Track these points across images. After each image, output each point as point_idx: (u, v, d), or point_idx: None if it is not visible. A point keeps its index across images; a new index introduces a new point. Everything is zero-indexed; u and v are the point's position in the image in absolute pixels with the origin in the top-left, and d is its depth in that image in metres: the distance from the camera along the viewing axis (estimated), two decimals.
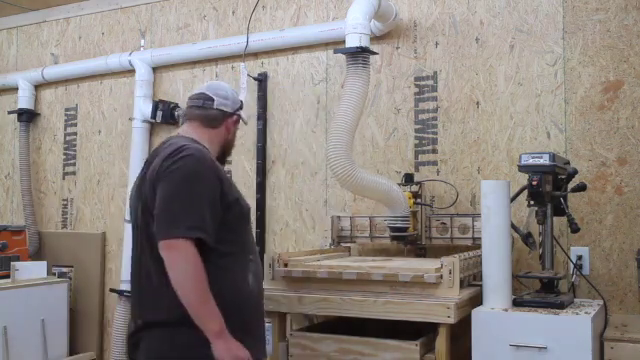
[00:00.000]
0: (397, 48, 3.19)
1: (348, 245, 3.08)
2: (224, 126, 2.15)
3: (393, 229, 2.74)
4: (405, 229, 2.72)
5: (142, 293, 1.97)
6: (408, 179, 2.86)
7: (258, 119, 3.48)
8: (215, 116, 2.12)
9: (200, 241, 1.84)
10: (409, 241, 2.80)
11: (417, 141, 3.11)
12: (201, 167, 1.92)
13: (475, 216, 2.77)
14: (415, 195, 2.83)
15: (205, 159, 1.95)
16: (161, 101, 3.73)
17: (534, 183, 2.28)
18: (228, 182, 2.02)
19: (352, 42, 2.69)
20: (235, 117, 2.18)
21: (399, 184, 2.83)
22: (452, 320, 2.12)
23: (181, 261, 1.82)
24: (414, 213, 2.79)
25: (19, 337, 3.37)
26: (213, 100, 2.13)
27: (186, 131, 2.12)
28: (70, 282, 3.87)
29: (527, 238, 2.59)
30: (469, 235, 2.78)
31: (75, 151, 4.17)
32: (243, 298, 1.97)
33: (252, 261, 2.03)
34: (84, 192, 4.11)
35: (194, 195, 1.87)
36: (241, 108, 2.22)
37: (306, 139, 3.39)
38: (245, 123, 2.33)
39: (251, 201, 3.13)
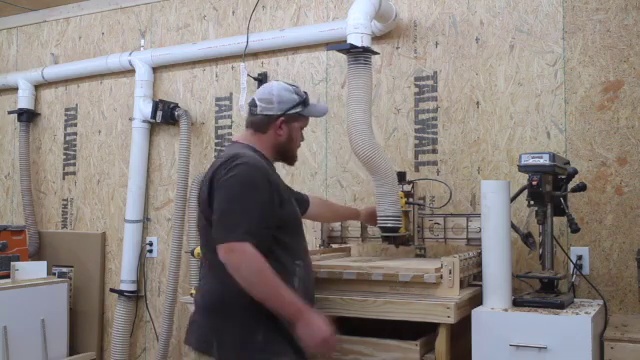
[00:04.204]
0: (397, 48, 3.19)
1: (348, 245, 3.08)
2: (272, 130, 2.16)
3: (384, 229, 2.62)
4: (397, 229, 2.61)
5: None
6: (400, 178, 2.75)
7: None
8: (260, 121, 2.16)
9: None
10: (401, 242, 2.71)
11: (417, 141, 3.11)
12: (254, 174, 1.99)
13: (470, 216, 2.74)
14: (407, 194, 2.74)
15: (257, 166, 2.02)
16: (161, 101, 3.72)
17: (534, 183, 2.28)
18: (280, 185, 2.10)
19: (353, 42, 2.68)
20: (284, 118, 2.15)
21: None
22: (452, 320, 2.12)
23: (242, 262, 1.89)
24: (406, 213, 2.72)
25: (19, 337, 3.36)
26: (257, 106, 2.16)
27: (244, 137, 2.20)
28: (70, 282, 3.87)
29: (527, 238, 2.59)
30: (463, 236, 2.74)
31: (75, 151, 4.17)
32: None
33: (298, 266, 2.08)
34: (84, 192, 4.12)
35: (249, 201, 1.94)
36: (300, 105, 2.18)
37: (306, 139, 3.33)
38: (316, 115, 2.33)
39: None
